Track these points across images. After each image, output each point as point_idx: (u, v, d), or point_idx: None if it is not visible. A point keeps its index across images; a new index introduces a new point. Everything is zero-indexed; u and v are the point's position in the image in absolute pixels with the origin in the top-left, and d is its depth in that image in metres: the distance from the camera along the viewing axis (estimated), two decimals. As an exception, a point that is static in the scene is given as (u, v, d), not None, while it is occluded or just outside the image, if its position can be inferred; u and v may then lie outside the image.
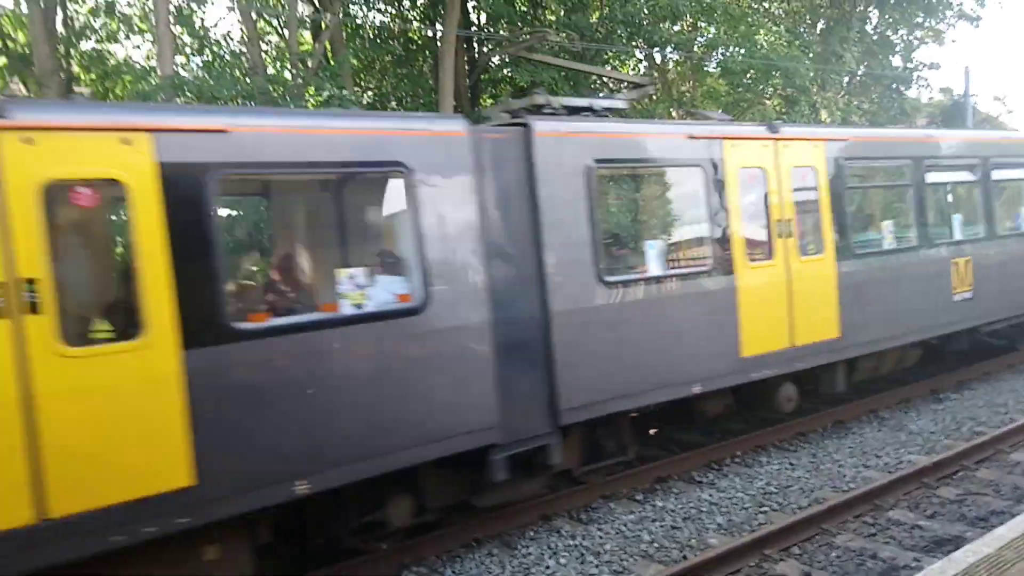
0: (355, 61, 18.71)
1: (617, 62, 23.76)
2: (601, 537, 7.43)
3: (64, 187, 5.18)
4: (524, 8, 20.50)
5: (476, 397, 6.84)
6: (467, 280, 6.85)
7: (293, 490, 5.88)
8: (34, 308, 4.89)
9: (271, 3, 19.38)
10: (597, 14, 20.10)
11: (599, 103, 8.72)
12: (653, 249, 8.50)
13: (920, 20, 26.30)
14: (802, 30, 24.76)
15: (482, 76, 20.88)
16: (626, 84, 10.70)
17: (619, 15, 18.85)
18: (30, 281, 4.89)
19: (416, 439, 6.48)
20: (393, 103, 19.69)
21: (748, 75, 21.64)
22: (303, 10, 18.32)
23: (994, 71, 71.75)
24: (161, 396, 5.34)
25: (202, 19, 17.12)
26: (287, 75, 17.00)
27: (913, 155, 11.05)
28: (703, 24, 22.27)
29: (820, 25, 25.52)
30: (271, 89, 14.76)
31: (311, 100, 15.33)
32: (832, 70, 23.12)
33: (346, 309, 6.28)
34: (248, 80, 15.20)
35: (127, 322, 5.41)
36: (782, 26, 23.79)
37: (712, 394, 8.94)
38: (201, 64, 16.76)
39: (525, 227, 7.37)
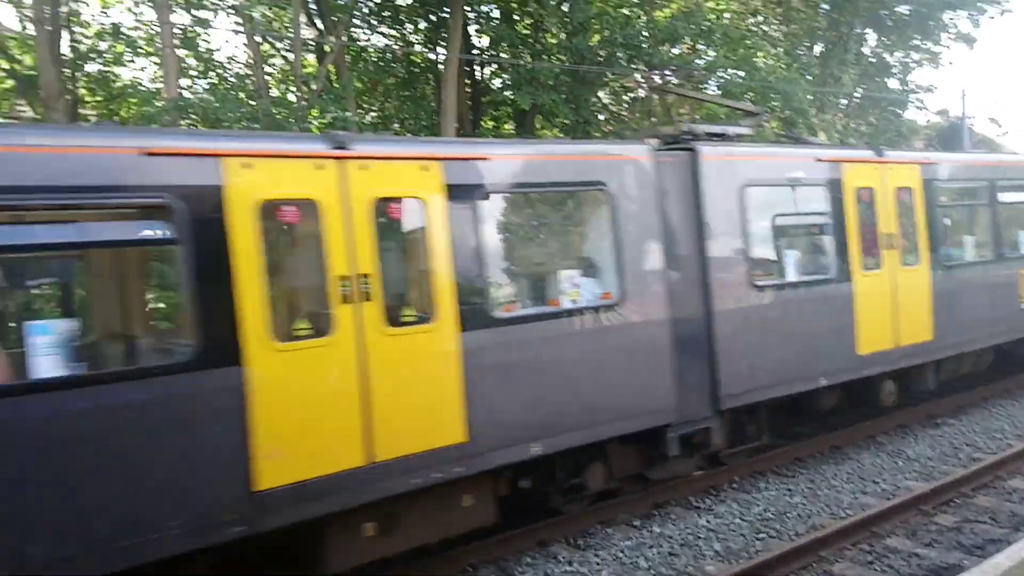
0: (358, 84, 18.86)
1: (617, 84, 23.97)
2: (598, 564, 7.45)
3: (385, 203, 6.60)
4: (526, 31, 20.69)
5: (658, 382, 8.11)
6: (652, 282, 8.15)
7: (530, 450, 7.15)
8: (367, 297, 6.29)
9: (276, 27, 19.58)
10: (597, 37, 20.28)
11: (731, 130, 9.83)
12: (790, 258, 9.73)
13: (917, 42, 26.49)
14: (800, 52, 24.95)
15: (483, 98, 21.05)
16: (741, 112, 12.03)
17: (619, 38, 19.02)
18: (365, 276, 6.28)
19: (614, 415, 7.79)
20: (396, 125, 19.84)
21: (747, 97, 21.79)
22: (307, 33, 18.50)
23: (989, 93, 72.25)
24: (446, 368, 6.71)
25: (207, 42, 17.30)
26: (291, 97, 17.15)
27: (988, 177, 12.51)
28: (702, 47, 22.46)
29: (818, 48, 25.72)
30: (275, 112, 14.91)
31: (314, 123, 15.48)
32: (830, 92, 23.30)
33: (565, 304, 7.64)
34: (252, 103, 15.35)
35: (424, 309, 6.79)
36: (780, 49, 24.00)
37: (828, 388, 9.98)
38: (206, 86, 16.93)
39: (693, 237, 8.63)
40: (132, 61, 16.57)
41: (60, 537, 5.05)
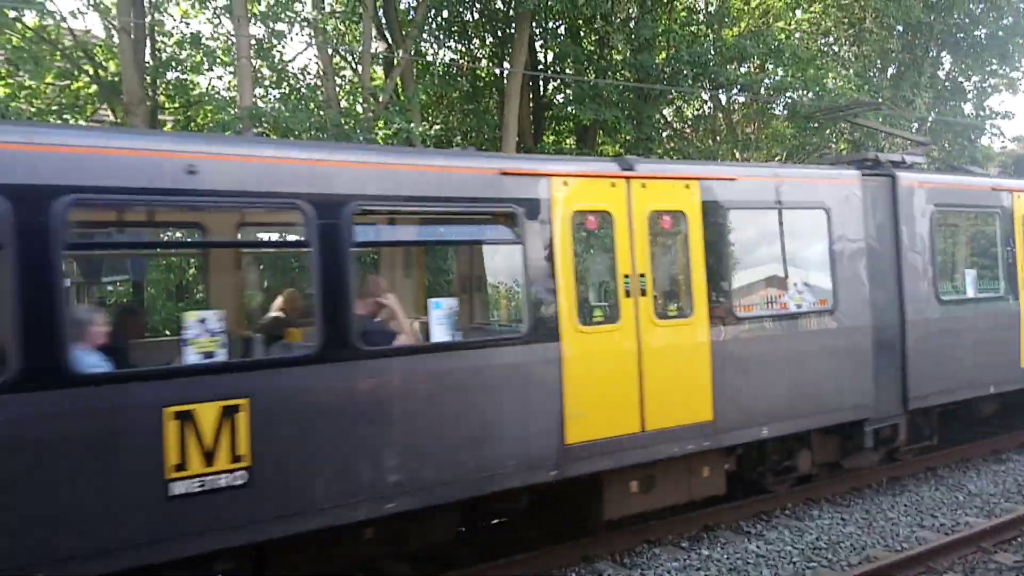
0: (424, 96, 19.18)
1: (682, 102, 23.86)
2: (644, 583, 7.43)
3: (657, 215, 7.94)
4: (591, 48, 20.78)
5: (862, 380, 9.25)
6: (858, 292, 9.34)
7: (761, 432, 8.47)
8: (643, 292, 7.69)
9: (347, 40, 20.07)
10: (663, 54, 20.25)
11: (908, 158, 10.75)
12: (969, 276, 10.85)
13: (994, 67, 25.71)
14: (872, 74, 24.43)
15: (546, 113, 21.19)
16: (910, 142, 13.50)
17: (685, 55, 18.93)
18: (642, 275, 7.69)
19: (825, 407, 9.01)
20: (458, 138, 20.10)
21: (815, 118, 21.44)
22: (377, 47, 18.91)
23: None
24: (699, 356, 8.03)
25: (280, 53, 17.81)
26: (359, 109, 17.54)
27: None
28: (770, 66, 22.21)
29: (891, 70, 25.15)
30: (343, 122, 15.27)
31: (380, 133, 15.81)
32: (902, 116, 22.78)
33: (792, 308, 8.95)
34: (322, 113, 15.73)
35: (683, 305, 8.14)
36: (851, 70, 23.56)
37: (989, 397, 10.95)
38: (278, 96, 17.43)
39: (889, 254, 9.80)
40: (210, 70, 17.13)
41: (441, 464, 6.56)
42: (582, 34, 20.74)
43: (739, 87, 21.47)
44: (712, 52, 19.36)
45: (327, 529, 6.03)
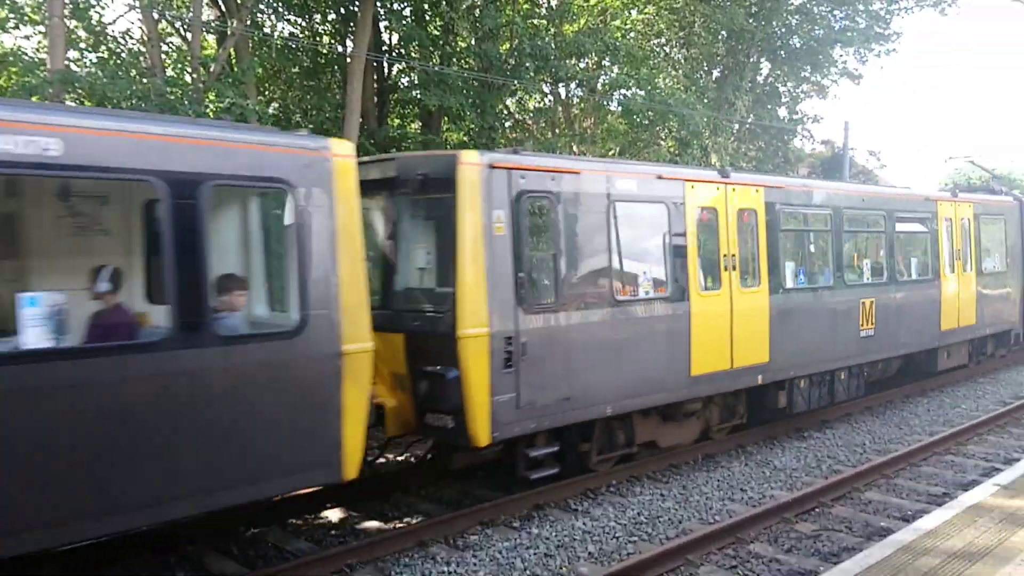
0: (260, 70, 18.36)
1: (524, 94, 24.24)
2: (475, 564, 7.54)
3: (962, 220, 16.65)
4: (436, 33, 20.66)
5: (1015, 309, 18.11)
6: (1018, 265, 18.44)
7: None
8: (960, 257, 16.12)
9: (175, 4, 18.85)
10: (507, 45, 20.46)
11: (995, 186, 20.70)
12: None
13: (806, 75, 27.96)
14: (699, 76, 25.90)
15: (392, 96, 20.87)
16: None
17: (527, 47, 19.24)
18: (958, 250, 16.15)
19: (1010, 319, 18.14)
20: (297, 116, 19.41)
21: (646, 116, 22.44)
22: (208, 14, 17.89)
23: (870, 126, 77.51)
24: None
25: (99, 14, 16.44)
26: (187, 79, 16.51)
27: None
28: (607, 63, 22.99)
29: (716, 73, 26.76)
30: (169, 92, 14.32)
31: (211, 107, 14.99)
32: (724, 117, 24.27)
33: (987, 269, 17.55)
34: (145, 81, 14.70)
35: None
36: (680, 71, 24.83)
37: None
38: (95, 61, 16.09)
39: (1018, 246, 18.62)
40: (16, 28, 15.54)
41: (889, 341, 13.94)
42: (427, 18, 20.57)
43: (577, 82, 22.07)
44: (553, 46, 19.77)
45: (857, 365, 13.28)
